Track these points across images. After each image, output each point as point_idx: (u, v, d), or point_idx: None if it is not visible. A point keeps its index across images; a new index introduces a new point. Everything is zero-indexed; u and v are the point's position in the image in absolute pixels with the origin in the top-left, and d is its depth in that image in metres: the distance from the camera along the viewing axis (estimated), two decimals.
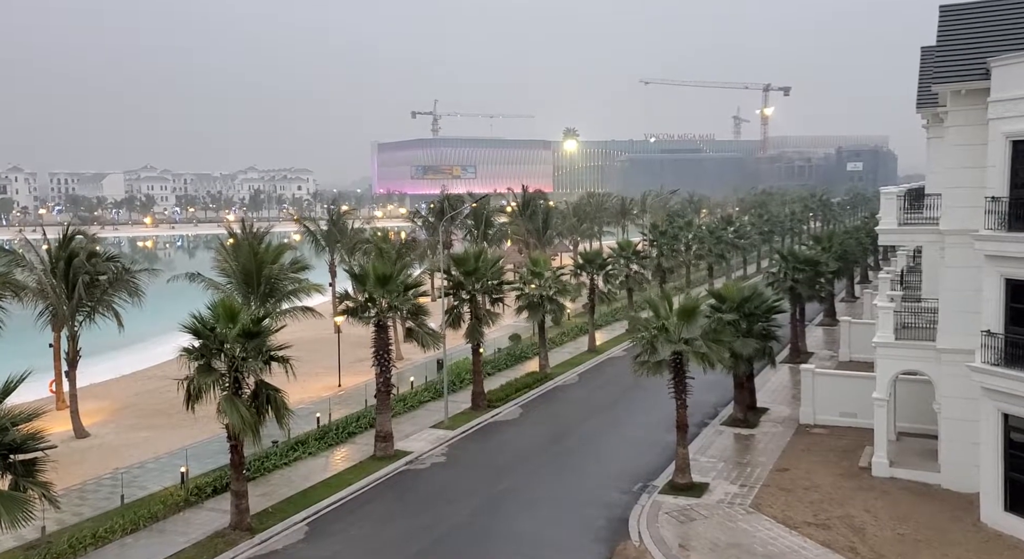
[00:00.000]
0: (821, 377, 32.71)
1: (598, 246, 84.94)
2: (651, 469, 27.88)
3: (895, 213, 26.80)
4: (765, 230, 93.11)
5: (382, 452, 29.55)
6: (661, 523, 23.17)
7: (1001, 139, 21.02)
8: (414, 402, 36.55)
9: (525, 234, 70.89)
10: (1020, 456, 21.24)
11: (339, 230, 58.70)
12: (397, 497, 26.23)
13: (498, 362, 44.32)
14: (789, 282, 43.64)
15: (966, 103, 23.30)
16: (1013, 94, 20.70)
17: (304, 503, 25.43)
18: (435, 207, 79.16)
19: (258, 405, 22.63)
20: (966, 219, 22.91)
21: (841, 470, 26.74)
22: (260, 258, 34.35)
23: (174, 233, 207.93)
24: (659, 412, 32.61)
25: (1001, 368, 21.06)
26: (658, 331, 25.48)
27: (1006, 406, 21.26)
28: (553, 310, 41.81)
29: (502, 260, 43.46)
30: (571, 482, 27.08)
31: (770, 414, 33.90)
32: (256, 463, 27.83)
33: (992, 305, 21.47)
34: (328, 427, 32.35)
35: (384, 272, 30.33)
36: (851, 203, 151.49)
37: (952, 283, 24.19)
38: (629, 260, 54.52)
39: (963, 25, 24.90)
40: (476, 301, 36.55)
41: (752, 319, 31.58)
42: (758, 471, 27.10)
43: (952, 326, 24.14)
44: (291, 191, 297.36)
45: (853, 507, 23.57)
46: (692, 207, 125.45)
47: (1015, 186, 20.88)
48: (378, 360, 30.05)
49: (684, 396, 25.93)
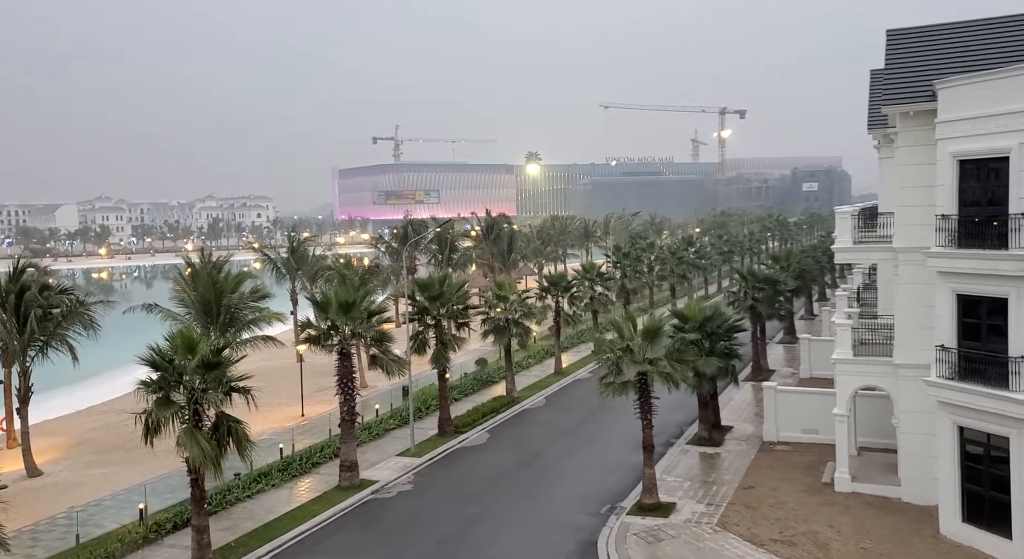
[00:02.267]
0: (783, 394, 33.12)
1: (562, 269, 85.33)
2: (619, 490, 27.86)
3: (850, 232, 27.38)
4: (725, 250, 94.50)
5: (347, 482, 29.10)
6: (629, 545, 23.12)
7: (949, 159, 21.66)
8: (379, 430, 36.12)
9: (490, 258, 71.06)
10: (976, 468, 21.67)
11: (300, 257, 58.14)
12: (363, 527, 25.80)
13: (464, 387, 44.08)
14: (749, 301, 44.28)
15: (915, 124, 24.02)
16: (959, 115, 21.38)
17: (268, 536, 24.88)
18: (398, 232, 78.97)
19: (219, 437, 22.17)
20: (918, 237, 23.48)
21: (805, 486, 27.01)
22: (219, 287, 33.83)
23: (130, 264, 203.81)
24: (626, 433, 32.68)
25: (955, 382, 21.54)
26: (623, 352, 25.63)
27: (961, 419, 21.72)
28: (519, 333, 41.81)
29: (467, 284, 43.44)
30: (539, 506, 26.93)
31: (734, 432, 34.18)
32: (218, 496, 27.20)
33: (945, 320, 21.98)
34: (292, 458, 31.78)
35: (347, 299, 30.08)
36: (807, 223, 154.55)
37: (906, 299, 24.77)
38: (593, 282, 54.85)
39: (910, 49, 25.75)
40: (441, 326, 36.41)
41: (714, 338, 31.93)
42: (724, 489, 27.25)
43: (908, 342, 24.67)
44: (250, 219, 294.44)
45: (817, 523, 23.79)
46: (654, 229, 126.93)
47: (964, 204, 21.48)
48: (342, 388, 29.70)
49: (650, 416, 26.04)
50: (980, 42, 24.55)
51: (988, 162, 20.79)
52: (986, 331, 21.16)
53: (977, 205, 21.20)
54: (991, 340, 20.94)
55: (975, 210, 21.21)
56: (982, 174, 21.07)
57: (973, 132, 20.93)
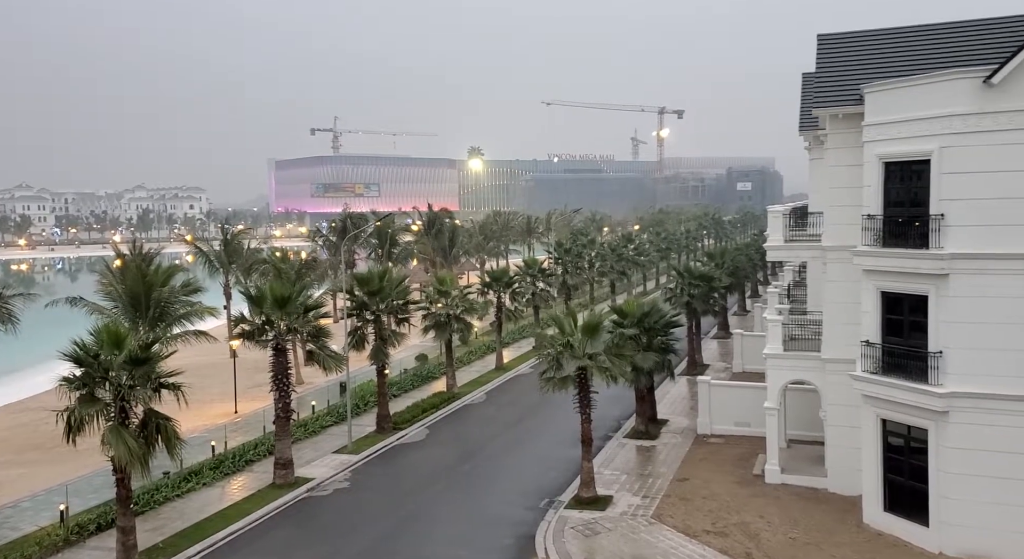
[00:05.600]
0: (717, 388, 33.88)
1: (505, 264, 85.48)
2: (557, 484, 28.08)
3: (781, 230, 28.17)
4: (663, 247, 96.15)
5: (282, 480, 28.57)
6: (567, 538, 23.32)
7: (875, 160, 22.42)
8: (316, 427, 35.57)
9: (431, 253, 70.65)
10: (898, 459, 22.57)
11: (234, 250, 56.76)
12: (298, 526, 25.37)
13: (404, 383, 43.76)
14: (686, 297, 45.14)
15: (843, 126, 24.79)
16: (884, 118, 22.14)
17: (198, 536, 24.23)
18: (337, 226, 77.88)
19: (147, 435, 21.46)
20: (845, 236, 24.26)
21: (737, 478, 27.70)
22: (149, 281, 32.71)
23: (54, 255, 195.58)
24: (565, 427, 32.94)
25: (879, 376, 22.35)
26: (563, 347, 25.83)
27: (884, 412, 22.58)
28: (460, 329, 41.70)
29: (408, 279, 43.11)
30: (478, 502, 26.94)
31: (670, 425, 34.82)
32: (145, 496, 26.39)
33: (870, 317, 22.78)
34: (224, 456, 31.03)
35: (282, 293, 29.50)
36: (741, 221, 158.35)
37: (834, 296, 25.59)
38: (535, 278, 55.09)
39: (839, 53, 26.56)
40: (381, 321, 36.02)
41: (652, 333, 32.45)
42: (659, 482, 27.74)
43: (835, 337, 25.51)
44: (183, 210, 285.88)
45: (748, 514, 24.42)
46: (595, 225, 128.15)
47: (888, 204, 22.26)
48: (276, 385, 29.13)
49: (589, 411, 26.31)
50: (906, 48, 25.49)
51: (911, 164, 21.60)
52: (908, 327, 22.01)
53: (901, 206, 22.01)
54: (912, 336, 21.81)
55: (899, 210, 22.02)
56: (906, 176, 21.89)
57: (897, 135, 21.72)
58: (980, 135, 20.31)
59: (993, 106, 20.15)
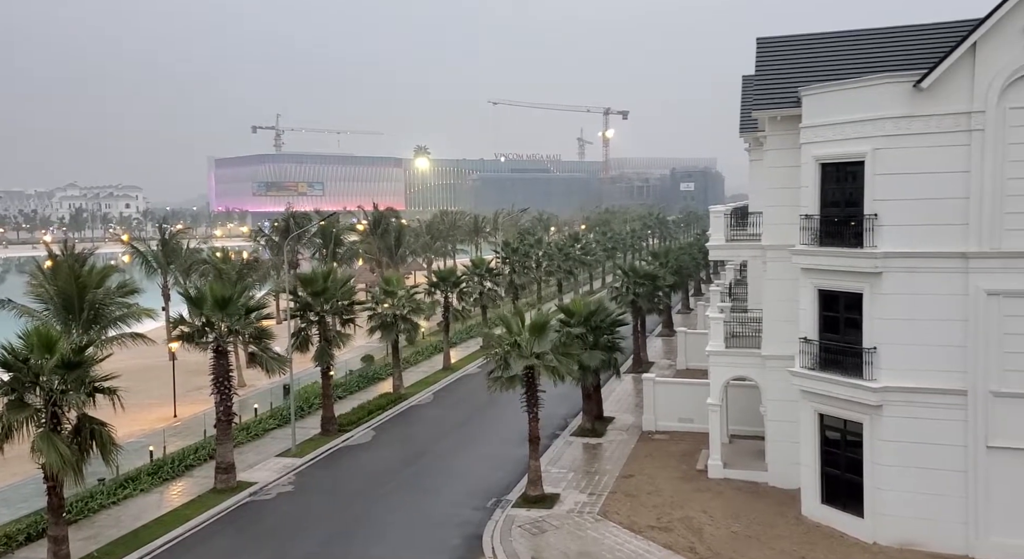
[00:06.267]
0: (661, 385, 34.37)
1: (452, 264, 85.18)
2: (505, 484, 28.10)
3: (723, 230, 28.67)
4: (609, 247, 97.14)
5: (223, 484, 27.94)
6: (514, 537, 23.37)
7: (812, 162, 23.03)
8: (258, 430, 34.88)
9: (377, 253, 69.82)
10: (834, 452, 23.23)
11: (172, 250, 55.23)
12: (240, 531, 24.84)
13: (350, 385, 43.24)
14: (631, 296, 45.67)
15: (781, 128, 25.37)
16: (820, 121, 22.76)
17: (135, 544, 23.55)
18: (279, 225, 76.47)
19: (80, 441, 20.75)
20: (784, 235, 24.84)
21: (681, 473, 28.15)
22: (82, 282, 31.60)
23: None
24: (512, 426, 33.00)
25: (817, 372, 22.98)
26: (511, 347, 25.87)
27: (821, 407, 23.22)
28: (407, 329, 41.39)
29: (353, 279, 42.62)
30: (425, 503, 26.78)
31: (616, 423, 35.19)
32: (79, 504, 25.53)
33: (808, 314, 23.39)
34: (163, 461, 30.20)
35: (223, 294, 28.85)
36: (685, 221, 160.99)
37: (773, 294, 26.20)
38: (483, 277, 55.03)
39: (778, 56, 27.16)
40: (325, 322, 35.52)
41: (598, 332, 32.74)
42: (605, 479, 28.01)
43: (774, 334, 26.12)
44: (118, 209, 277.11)
45: (692, 508, 24.84)
46: (542, 225, 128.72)
47: (825, 205, 22.89)
48: (217, 387, 28.47)
49: (536, 410, 26.41)
50: (843, 52, 26.14)
51: (846, 166, 22.25)
52: (844, 324, 22.67)
53: (837, 206, 22.65)
54: (848, 332, 22.48)
55: (835, 210, 22.66)
56: (841, 177, 22.54)
57: (833, 137, 22.36)
58: (910, 137, 21.04)
59: (922, 109, 20.91)
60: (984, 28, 20.19)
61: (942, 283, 20.97)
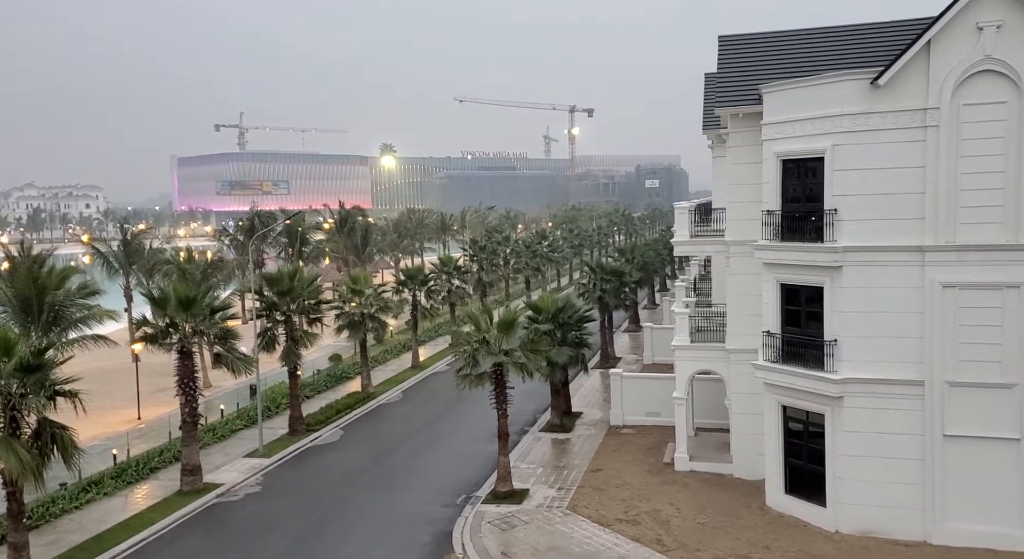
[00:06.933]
0: (628, 380, 34.69)
1: (420, 262, 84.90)
2: (475, 480, 28.17)
3: (687, 226, 28.99)
4: (576, 244, 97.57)
5: (189, 486, 27.62)
6: (484, 533, 23.46)
7: (773, 158, 23.42)
8: (225, 431, 34.51)
9: (344, 251, 69.37)
10: (797, 443, 23.69)
11: (134, 251, 54.30)
12: (207, 533, 24.59)
13: (317, 384, 42.95)
14: (598, 292, 46.01)
15: (743, 125, 25.73)
16: (781, 117, 23.16)
17: (98, 548, 23.20)
18: (244, 224, 75.61)
19: (41, 445, 20.37)
20: (747, 231, 25.23)
21: (648, 467, 28.47)
22: (41, 283, 30.99)
23: None
24: (482, 423, 33.06)
25: (779, 364, 23.40)
26: (480, 344, 25.93)
27: (784, 399, 23.65)
28: (375, 328, 41.20)
29: (320, 278, 42.31)
30: (395, 501, 26.75)
31: (584, 418, 35.45)
32: (40, 509, 25.09)
33: (770, 308, 23.80)
34: (127, 464, 29.76)
35: (187, 294, 28.50)
36: (650, 217, 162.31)
37: (737, 289, 26.60)
38: (451, 275, 54.95)
39: (739, 54, 27.55)
40: (292, 322, 35.23)
41: (566, 328, 32.95)
42: (574, 473, 28.22)
43: (738, 328, 26.53)
44: (78, 209, 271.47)
45: (659, 501, 25.15)
46: (509, 223, 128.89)
47: (786, 200, 23.30)
48: (182, 389, 28.14)
49: (505, 406, 26.51)
50: (803, 50, 26.64)
51: (807, 162, 22.66)
52: (805, 317, 23.11)
53: (798, 201, 23.07)
54: (810, 325, 22.92)
55: (796, 206, 23.07)
56: (802, 173, 22.95)
57: (793, 134, 22.77)
58: (868, 133, 21.50)
59: (879, 106, 21.38)
60: (938, 26, 20.70)
61: (899, 276, 21.47)
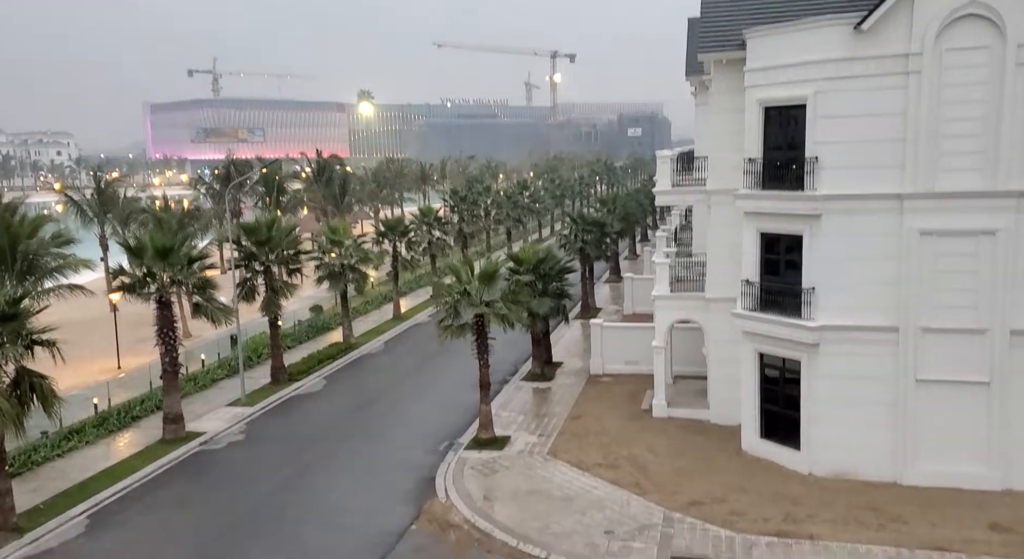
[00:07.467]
0: (608, 330, 34.99)
1: (400, 213, 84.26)
2: (457, 428, 28.51)
3: (669, 175, 28.83)
4: (557, 194, 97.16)
5: (172, 434, 27.75)
6: (466, 478, 23.86)
7: (755, 105, 23.22)
8: (206, 381, 34.55)
9: (322, 201, 68.59)
10: (773, 390, 24.12)
11: (109, 199, 53.34)
12: (191, 480, 24.81)
13: (299, 335, 42.94)
14: (579, 243, 46.03)
15: (727, 72, 25.33)
16: (764, 64, 22.91)
17: (82, 495, 23.34)
18: (220, 173, 74.40)
19: (20, 394, 20.36)
20: (728, 179, 25.13)
21: (627, 414, 28.92)
22: (14, 232, 30.39)
23: None
24: (464, 373, 33.30)
25: (758, 313, 23.67)
26: (460, 295, 25.93)
27: (762, 346, 23.98)
28: (355, 279, 41.01)
29: (298, 229, 41.89)
30: (378, 448, 27.06)
31: (565, 367, 35.82)
32: (22, 457, 25.14)
33: (750, 257, 23.90)
34: (108, 413, 29.78)
35: (164, 244, 28.15)
36: (632, 167, 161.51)
37: (717, 238, 26.68)
38: (431, 226, 54.61)
39: None
40: (271, 272, 35.01)
41: (547, 279, 33.02)
42: (554, 421, 28.64)
43: (718, 277, 26.70)
44: (49, 157, 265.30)
45: (637, 447, 25.63)
46: (490, 173, 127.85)
47: (768, 148, 23.21)
48: (162, 339, 27.98)
49: (486, 356, 26.68)
50: None
51: (789, 109, 22.53)
52: (784, 266, 23.31)
53: (779, 150, 23.02)
54: (788, 274, 23.13)
55: (778, 154, 23.03)
56: (784, 120, 22.84)
57: (776, 80, 22.56)
58: (851, 80, 21.38)
59: (863, 52, 21.21)
60: None
61: (878, 224, 21.61)
